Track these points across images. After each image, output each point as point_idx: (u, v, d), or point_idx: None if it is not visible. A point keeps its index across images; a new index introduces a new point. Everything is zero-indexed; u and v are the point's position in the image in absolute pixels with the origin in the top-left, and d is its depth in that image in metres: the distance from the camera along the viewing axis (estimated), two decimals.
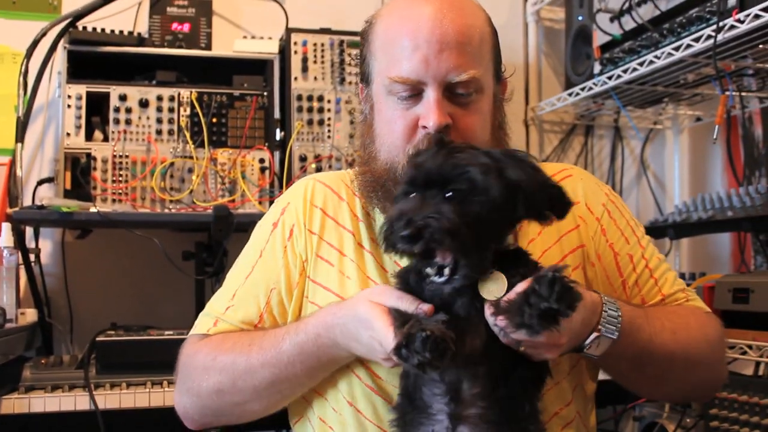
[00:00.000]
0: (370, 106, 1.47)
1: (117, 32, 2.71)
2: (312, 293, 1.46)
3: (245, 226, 2.43)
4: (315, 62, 2.78)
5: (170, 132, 2.65)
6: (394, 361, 1.15)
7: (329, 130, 2.77)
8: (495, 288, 1.16)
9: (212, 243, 2.61)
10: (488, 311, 1.15)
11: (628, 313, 1.30)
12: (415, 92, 1.36)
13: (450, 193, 1.14)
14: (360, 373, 1.38)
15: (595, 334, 1.24)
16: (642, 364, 1.37)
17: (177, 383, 1.49)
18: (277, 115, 2.76)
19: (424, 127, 1.34)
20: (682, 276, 2.67)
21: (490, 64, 1.42)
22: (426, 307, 1.17)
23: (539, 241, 1.46)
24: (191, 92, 2.68)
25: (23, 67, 2.65)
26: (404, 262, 1.27)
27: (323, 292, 1.45)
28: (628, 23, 2.62)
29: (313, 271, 1.47)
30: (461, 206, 1.13)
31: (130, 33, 2.77)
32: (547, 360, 1.22)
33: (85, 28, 2.68)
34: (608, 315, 1.26)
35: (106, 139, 2.61)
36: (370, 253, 1.45)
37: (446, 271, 1.14)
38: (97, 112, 2.64)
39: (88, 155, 2.58)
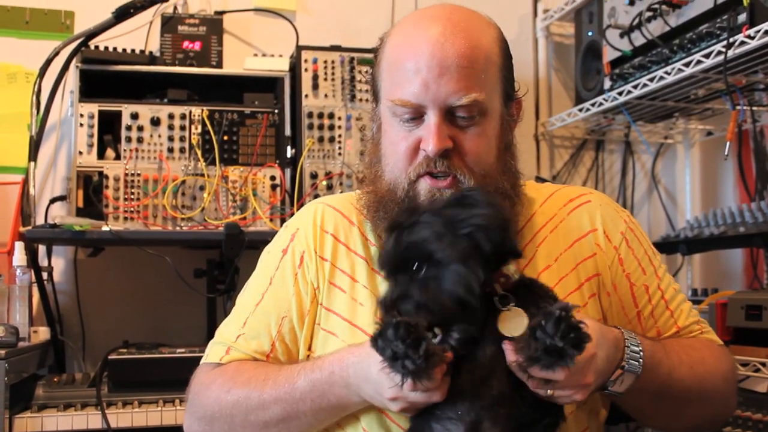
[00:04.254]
0: (377, 125, 1.47)
1: (129, 51, 2.73)
2: (324, 320, 1.45)
3: (257, 243, 2.44)
4: (325, 79, 2.79)
5: (182, 150, 2.67)
6: (402, 398, 1.18)
7: (340, 147, 2.78)
8: (515, 324, 1.16)
9: (224, 261, 2.61)
10: (507, 347, 1.16)
11: (649, 348, 1.30)
12: (417, 115, 1.36)
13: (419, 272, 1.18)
14: (369, 421, 1.36)
15: (618, 372, 1.25)
16: (660, 399, 1.35)
17: (188, 409, 1.49)
18: (287, 132, 2.77)
19: (425, 150, 1.35)
20: (694, 292, 2.66)
21: (497, 85, 1.40)
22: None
23: (555, 268, 1.44)
24: (202, 110, 2.70)
25: (36, 87, 2.66)
26: None
27: (335, 318, 1.43)
28: (638, 39, 2.61)
29: (327, 299, 1.45)
30: (428, 282, 1.16)
31: (142, 52, 2.79)
32: (569, 403, 1.21)
33: (97, 47, 2.70)
34: (631, 350, 1.26)
35: (118, 157, 2.63)
36: (384, 279, 1.43)
37: (437, 330, 1.17)
38: (109, 131, 2.66)
39: (101, 173, 2.60)
